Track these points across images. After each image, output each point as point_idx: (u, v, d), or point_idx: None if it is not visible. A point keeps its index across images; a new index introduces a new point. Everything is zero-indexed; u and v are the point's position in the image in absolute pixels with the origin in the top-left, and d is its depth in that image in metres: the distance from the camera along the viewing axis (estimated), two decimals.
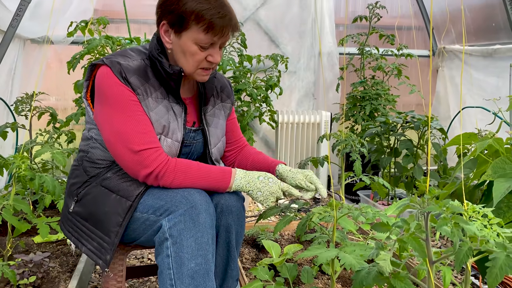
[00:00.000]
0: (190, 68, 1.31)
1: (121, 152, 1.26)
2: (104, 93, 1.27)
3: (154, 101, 1.31)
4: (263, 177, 1.33)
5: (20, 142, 2.86)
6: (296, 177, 1.44)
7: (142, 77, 1.30)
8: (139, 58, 1.33)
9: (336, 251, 1.22)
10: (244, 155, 1.62)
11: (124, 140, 1.24)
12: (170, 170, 1.26)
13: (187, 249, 1.20)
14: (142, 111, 1.28)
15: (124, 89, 1.26)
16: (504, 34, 3.09)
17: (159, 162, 1.25)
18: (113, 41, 2.34)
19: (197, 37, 1.25)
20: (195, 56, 1.28)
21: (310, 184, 1.42)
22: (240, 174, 1.34)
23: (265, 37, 3.48)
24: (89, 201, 1.33)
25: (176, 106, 1.37)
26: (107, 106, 1.27)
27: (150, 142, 1.25)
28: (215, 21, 1.24)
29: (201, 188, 1.30)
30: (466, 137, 1.84)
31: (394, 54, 3.28)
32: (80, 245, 1.35)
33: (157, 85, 1.33)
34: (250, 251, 2.05)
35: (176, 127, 1.35)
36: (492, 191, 1.49)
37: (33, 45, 3.00)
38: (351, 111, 3.29)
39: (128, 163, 1.26)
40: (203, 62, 1.31)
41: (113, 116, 1.26)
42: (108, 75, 1.26)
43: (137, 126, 1.25)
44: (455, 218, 0.81)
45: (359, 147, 1.80)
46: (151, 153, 1.25)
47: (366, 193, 2.98)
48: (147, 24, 3.34)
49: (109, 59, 1.28)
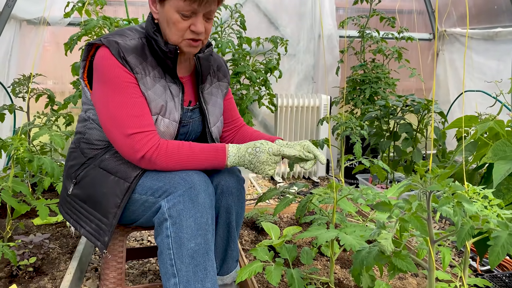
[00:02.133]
0: (174, 38, 1.29)
1: (115, 136, 1.25)
2: (102, 75, 1.26)
3: (152, 80, 1.31)
4: (251, 149, 1.31)
5: (17, 124, 2.84)
6: (294, 148, 1.43)
7: (140, 56, 1.29)
8: (137, 37, 1.32)
9: (336, 232, 1.22)
10: (242, 135, 1.62)
11: (118, 124, 1.24)
12: (162, 153, 1.25)
13: (186, 229, 1.20)
14: (139, 94, 1.27)
15: (122, 71, 1.25)
16: (506, 17, 3.05)
17: (150, 145, 1.24)
18: (111, 22, 2.31)
19: (178, 5, 1.24)
20: (177, 25, 1.27)
21: (309, 154, 1.41)
22: (233, 151, 1.32)
23: (264, 19, 3.44)
24: (88, 183, 1.33)
25: (173, 85, 1.36)
26: (105, 88, 1.26)
27: (142, 126, 1.25)
28: None
29: (198, 168, 1.29)
30: (466, 120, 1.83)
31: (395, 37, 3.25)
32: (79, 227, 1.36)
33: (155, 64, 1.33)
34: (249, 233, 2.06)
35: (173, 107, 1.34)
36: (491, 174, 1.49)
37: (29, 26, 2.96)
38: (351, 94, 3.28)
39: (122, 147, 1.26)
40: (187, 32, 1.29)
41: (109, 99, 1.25)
42: (106, 56, 1.25)
43: (131, 110, 1.24)
44: (457, 196, 0.81)
45: (359, 130, 1.79)
46: (142, 137, 1.24)
47: (365, 176, 2.99)
48: (144, 7, 3.29)
49: (107, 38, 1.27)
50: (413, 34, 3.35)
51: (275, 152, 1.32)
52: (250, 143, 1.33)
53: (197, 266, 1.20)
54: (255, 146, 1.31)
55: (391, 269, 0.95)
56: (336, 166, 3.63)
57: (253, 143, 1.32)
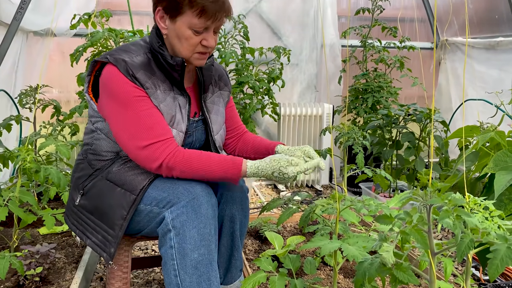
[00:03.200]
0: (186, 53, 1.32)
1: (132, 150, 1.27)
2: (111, 92, 1.28)
3: (163, 93, 1.33)
4: (277, 173, 1.29)
5: (24, 134, 2.88)
6: (295, 154, 1.45)
7: (148, 72, 1.31)
8: (142, 52, 1.34)
9: (339, 243, 1.23)
10: (244, 142, 1.64)
11: (133, 138, 1.26)
12: (179, 160, 1.26)
13: (190, 240, 1.22)
14: (150, 105, 1.29)
15: (131, 87, 1.27)
16: (507, 26, 3.08)
17: (167, 153, 1.26)
18: (116, 33, 2.34)
19: (191, 22, 1.26)
20: (189, 41, 1.29)
21: (309, 159, 1.44)
22: (252, 162, 1.31)
23: (267, 29, 3.48)
24: (95, 195, 1.35)
25: (180, 97, 1.38)
26: (115, 105, 1.28)
27: (157, 136, 1.26)
28: (208, 6, 1.25)
29: (213, 176, 1.28)
30: (468, 130, 1.85)
31: (397, 46, 3.27)
32: (85, 238, 1.37)
33: (163, 77, 1.35)
34: (253, 243, 2.07)
35: (180, 118, 1.37)
36: (493, 184, 1.50)
37: (36, 37, 3.00)
38: (353, 103, 3.30)
39: (140, 159, 1.28)
40: (198, 47, 1.32)
41: (120, 115, 1.27)
42: (114, 74, 1.27)
43: (144, 122, 1.26)
44: (457, 210, 0.83)
45: (361, 140, 1.81)
46: (158, 146, 1.26)
47: (368, 185, 3.00)
48: (149, 16, 3.33)
49: (113, 56, 1.29)
50: (414, 43, 3.38)
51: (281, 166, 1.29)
52: (275, 166, 1.29)
53: (201, 277, 1.22)
54: (281, 171, 1.29)
55: (393, 281, 0.96)
56: (339, 175, 3.64)
57: (279, 168, 1.29)
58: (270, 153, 1.53)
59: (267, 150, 1.55)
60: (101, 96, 1.33)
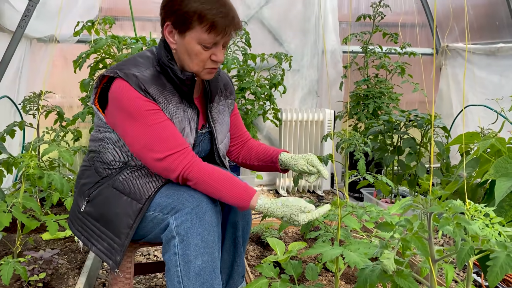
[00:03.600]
0: (196, 68, 1.33)
1: (150, 162, 1.28)
2: (124, 107, 1.28)
3: (174, 107, 1.34)
4: (286, 218, 1.25)
5: (27, 139, 2.89)
6: (298, 163, 1.47)
7: (160, 86, 1.31)
8: (150, 65, 1.34)
9: (340, 249, 1.24)
10: (248, 149, 1.65)
11: (150, 151, 1.27)
12: (195, 172, 1.27)
13: (193, 247, 1.23)
14: (164, 117, 1.29)
15: (144, 101, 1.27)
16: (507, 32, 3.09)
17: (184, 164, 1.27)
18: (119, 40, 2.37)
19: (200, 37, 1.27)
20: (199, 56, 1.30)
21: (312, 168, 1.45)
22: (264, 200, 1.27)
23: (269, 36, 3.50)
24: (101, 202, 1.36)
25: (189, 110, 1.39)
26: (129, 120, 1.28)
27: (173, 147, 1.27)
28: (218, 21, 1.25)
29: (221, 199, 1.27)
30: (468, 136, 1.86)
31: (398, 52, 3.29)
32: (90, 244, 1.38)
33: (173, 91, 1.35)
34: (255, 249, 2.08)
35: (189, 131, 1.38)
36: (494, 190, 1.51)
37: (39, 44, 3.03)
38: (355, 109, 3.31)
39: (159, 171, 1.29)
40: (208, 62, 1.32)
41: (135, 129, 1.27)
42: (126, 88, 1.27)
43: (160, 134, 1.27)
44: (457, 218, 0.84)
45: (362, 146, 1.82)
46: (176, 157, 1.27)
47: (370, 191, 3.00)
48: (151, 21, 3.35)
49: (123, 71, 1.28)
50: (415, 49, 3.39)
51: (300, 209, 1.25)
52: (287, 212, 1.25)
53: (204, 284, 1.23)
54: (292, 219, 1.25)
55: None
56: (340, 180, 3.65)
57: (290, 214, 1.24)
58: (274, 161, 1.54)
59: (270, 158, 1.56)
60: (111, 110, 1.33)
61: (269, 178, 3.56)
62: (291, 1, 3.49)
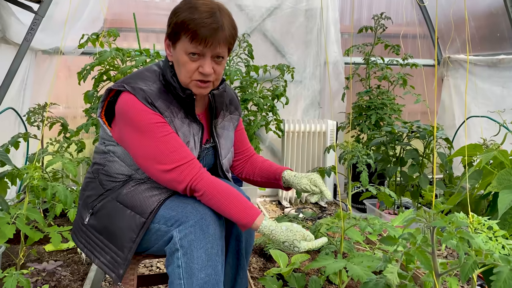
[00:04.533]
0: (184, 79, 1.33)
1: (157, 174, 1.29)
2: (130, 120, 1.29)
3: (180, 121, 1.35)
4: (288, 243, 1.25)
5: (31, 150, 2.91)
6: (301, 182, 1.47)
7: (166, 100, 1.33)
8: (157, 80, 1.36)
9: (344, 262, 1.24)
10: (252, 165, 1.65)
11: (157, 163, 1.27)
12: (202, 184, 1.27)
13: (197, 260, 1.23)
14: (170, 130, 1.30)
15: (150, 114, 1.28)
16: (509, 44, 3.11)
17: (192, 175, 1.27)
18: (123, 53, 2.39)
19: (186, 47, 1.28)
20: (186, 66, 1.30)
21: (315, 188, 1.45)
22: (268, 222, 1.27)
23: (271, 47, 3.53)
24: (104, 215, 1.36)
25: (194, 124, 1.40)
26: (136, 133, 1.29)
27: (181, 159, 1.28)
28: (199, 30, 1.25)
29: (224, 214, 1.27)
30: (471, 148, 1.86)
31: (400, 64, 3.31)
32: (93, 257, 1.38)
33: (178, 106, 1.37)
34: (258, 260, 2.07)
35: (193, 146, 1.38)
36: (497, 202, 1.51)
37: (44, 55, 3.06)
38: (357, 120, 3.32)
39: (165, 183, 1.29)
40: (196, 74, 1.31)
41: (142, 142, 1.28)
42: (133, 102, 1.28)
43: (167, 146, 1.27)
44: (460, 232, 0.84)
45: (365, 158, 1.83)
46: (184, 168, 1.27)
47: (373, 202, 3.00)
48: (155, 33, 3.39)
49: (130, 84, 1.30)
50: (417, 60, 3.41)
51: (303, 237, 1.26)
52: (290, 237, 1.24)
53: None
54: (293, 244, 1.24)
55: None
56: (343, 191, 3.65)
57: (293, 240, 1.24)
58: (277, 179, 1.55)
59: (274, 176, 1.56)
60: (118, 123, 1.34)
61: (272, 189, 3.56)
62: (293, 13, 3.52)
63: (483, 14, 3.30)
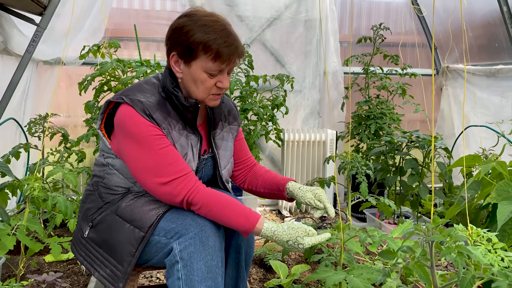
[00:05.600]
0: (201, 95, 1.36)
1: (153, 187, 1.29)
2: (128, 132, 1.30)
3: (178, 133, 1.36)
4: (292, 242, 1.26)
5: (31, 160, 2.91)
6: (305, 195, 1.48)
7: (164, 112, 1.34)
8: (156, 92, 1.38)
9: (343, 274, 1.24)
10: (254, 175, 1.66)
11: (154, 175, 1.28)
12: (199, 198, 1.28)
13: (197, 272, 1.23)
14: (168, 143, 1.31)
15: (148, 126, 1.29)
16: (506, 54, 3.13)
17: (188, 188, 1.28)
18: (124, 64, 2.41)
19: (206, 66, 1.31)
20: (205, 84, 1.33)
21: (319, 203, 1.46)
22: (269, 224, 1.28)
23: (271, 57, 3.55)
24: (104, 229, 1.37)
25: (192, 136, 1.42)
26: (134, 145, 1.30)
27: (177, 171, 1.29)
28: (222, 50, 1.29)
29: (225, 224, 1.28)
30: (470, 159, 1.87)
31: (398, 73, 3.32)
32: (93, 270, 1.38)
33: (177, 117, 1.38)
34: (257, 271, 2.07)
35: (191, 157, 1.39)
36: (496, 214, 1.51)
37: (45, 66, 3.08)
38: (356, 129, 3.33)
39: (161, 196, 1.30)
40: (213, 88, 1.36)
41: (139, 153, 1.29)
42: (131, 113, 1.29)
43: (164, 159, 1.28)
44: (458, 247, 0.85)
45: (365, 169, 1.84)
46: (180, 181, 1.28)
47: (372, 211, 3.00)
48: (156, 42, 3.41)
49: (129, 96, 1.32)
50: (416, 70, 3.43)
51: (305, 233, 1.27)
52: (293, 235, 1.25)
53: None
54: (297, 241, 1.25)
55: None
56: (343, 200, 3.65)
57: (296, 237, 1.25)
58: (281, 190, 1.55)
59: (277, 187, 1.57)
60: (116, 135, 1.36)
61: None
62: (293, 24, 3.55)
63: (481, 24, 3.32)
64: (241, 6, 3.42)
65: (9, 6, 2.29)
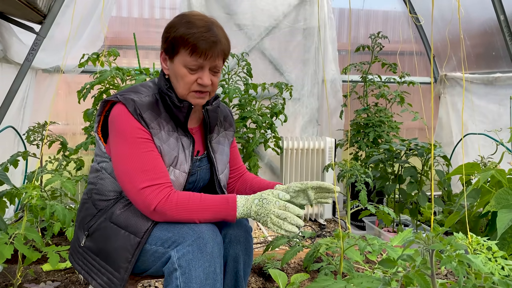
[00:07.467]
0: (182, 91, 1.37)
1: (129, 190, 1.30)
2: (117, 130, 1.33)
3: (166, 134, 1.37)
4: (258, 200, 1.29)
5: (29, 168, 2.91)
6: (291, 185, 1.47)
7: (155, 112, 1.36)
8: (150, 93, 1.40)
9: (343, 283, 1.24)
10: (243, 182, 1.67)
11: (131, 179, 1.29)
12: (173, 205, 1.27)
13: (195, 279, 1.22)
14: (151, 148, 1.32)
15: (137, 128, 1.31)
16: (504, 62, 3.15)
17: (160, 199, 1.27)
18: (123, 72, 2.41)
19: (185, 60, 1.32)
20: (185, 79, 1.34)
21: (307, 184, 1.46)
22: (241, 201, 1.30)
23: (270, 66, 3.57)
24: (99, 236, 1.37)
25: (184, 138, 1.42)
26: (119, 143, 1.32)
27: (153, 179, 1.28)
28: (199, 44, 1.30)
29: (208, 220, 1.30)
30: (468, 167, 1.87)
31: (397, 81, 3.34)
32: (90, 279, 1.38)
33: (168, 119, 1.39)
34: (256, 280, 2.06)
35: (183, 159, 1.40)
36: (496, 222, 1.51)
37: (44, 74, 3.08)
38: (355, 137, 3.34)
39: (136, 201, 1.30)
40: (194, 85, 1.36)
41: (123, 152, 1.31)
42: (123, 112, 1.32)
43: (143, 164, 1.29)
44: (459, 256, 0.84)
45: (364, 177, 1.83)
46: (153, 190, 1.27)
47: (372, 219, 2.99)
48: (155, 50, 3.43)
49: (123, 95, 1.34)
50: (414, 78, 3.44)
51: (281, 206, 1.28)
52: (258, 193, 1.31)
53: None
54: (263, 197, 1.29)
55: None
56: (342, 208, 3.64)
57: (260, 193, 1.31)
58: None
59: (266, 188, 1.56)
60: (109, 134, 1.37)
61: None
62: (291, 32, 3.57)
63: (478, 33, 3.35)
64: (240, 15, 3.44)
65: (9, 15, 2.30)
